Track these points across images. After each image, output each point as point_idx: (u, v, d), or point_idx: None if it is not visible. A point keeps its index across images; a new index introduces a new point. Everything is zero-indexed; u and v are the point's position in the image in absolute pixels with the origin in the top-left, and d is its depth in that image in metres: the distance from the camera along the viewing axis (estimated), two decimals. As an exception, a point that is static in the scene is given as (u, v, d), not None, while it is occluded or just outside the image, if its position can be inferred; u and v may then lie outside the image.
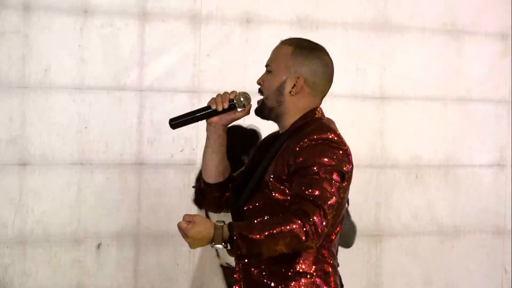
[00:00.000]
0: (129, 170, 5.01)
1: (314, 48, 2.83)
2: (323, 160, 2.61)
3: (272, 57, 2.83)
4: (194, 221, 2.55)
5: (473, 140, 5.78)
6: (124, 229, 5.01)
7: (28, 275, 4.84)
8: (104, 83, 4.95)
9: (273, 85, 2.78)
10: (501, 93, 5.85)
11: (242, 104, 2.83)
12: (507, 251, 5.86)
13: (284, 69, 2.78)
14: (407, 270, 5.64)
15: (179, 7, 5.09)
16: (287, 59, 2.78)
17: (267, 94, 2.80)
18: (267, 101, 2.80)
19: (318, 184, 2.58)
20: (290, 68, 2.77)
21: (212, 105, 2.83)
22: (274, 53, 2.84)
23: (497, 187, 5.85)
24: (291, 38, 2.87)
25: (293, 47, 2.80)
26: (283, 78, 2.78)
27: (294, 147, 2.66)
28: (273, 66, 2.80)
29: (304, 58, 2.78)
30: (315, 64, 2.79)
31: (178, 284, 5.12)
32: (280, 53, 2.81)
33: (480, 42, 5.78)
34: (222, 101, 2.82)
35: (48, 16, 4.83)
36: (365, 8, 5.51)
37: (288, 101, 2.78)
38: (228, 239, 2.53)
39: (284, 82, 2.77)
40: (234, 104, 2.82)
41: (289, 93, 2.77)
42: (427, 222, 5.68)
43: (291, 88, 2.77)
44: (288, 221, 2.52)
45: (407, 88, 5.62)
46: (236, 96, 2.83)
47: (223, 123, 2.87)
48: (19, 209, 4.81)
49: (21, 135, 4.81)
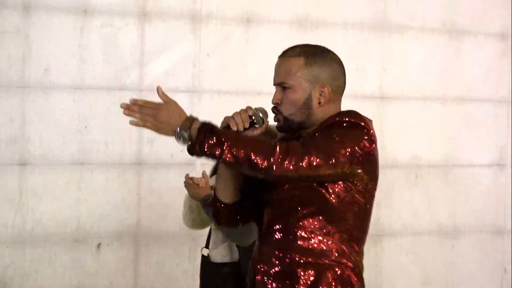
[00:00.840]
0: (129, 170, 5.01)
1: (322, 51, 2.73)
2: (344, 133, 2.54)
3: (284, 73, 2.69)
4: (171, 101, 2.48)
5: (473, 140, 5.79)
6: (124, 229, 5.01)
7: (28, 275, 4.84)
8: (104, 83, 4.95)
9: (298, 101, 2.66)
10: (501, 93, 5.85)
11: (261, 120, 2.69)
12: (507, 250, 5.86)
13: (304, 82, 2.66)
14: (407, 270, 5.64)
15: (179, 7, 5.09)
16: (303, 71, 2.66)
17: (291, 112, 2.67)
18: (294, 117, 2.67)
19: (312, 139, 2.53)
20: (310, 79, 2.66)
21: (233, 127, 2.64)
22: (284, 68, 2.69)
23: (496, 187, 5.85)
24: (293, 48, 2.73)
25: (303, 57, 2.68)
26: (307, 91, 2.66)
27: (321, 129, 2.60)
28: (290, 83, 2.67)
29: (321, 65, 2.68)
30: (331, 67, 2.70)
31: (178, 284, 5.12)
32: (292, 67, 2.67)
33: (479, 42, 5.79)
34: (243, 121, 2.65)
35: (48, 16, 4.83)
36: (365, 8, 5.51)
37: (317, 112, 2.67)
38: (197, 131, 2.45)
39: (309, 95, 2.66)
40: (253, 121, 2.68)
41: (318, 104, 2.67)
42: (427, 222, 5.68)
43: (318, 100, 2.66)
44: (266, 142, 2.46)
45: (407, 88, 5.63)
46: (255, 114, 2.68)
47: None
48: (19, 209, 4.81)
49: (21, 135, 4.81)
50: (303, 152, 2.46)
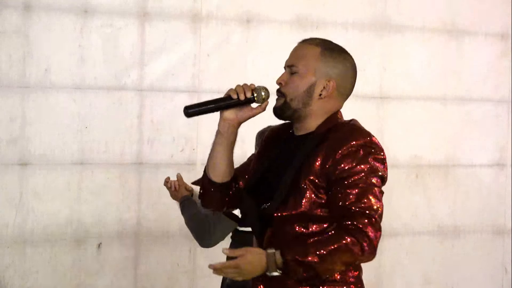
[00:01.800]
0: (129, 170, 5.01)
1: (342, 50, 2.72)
2: (366, 167, 2.55)
3: (296, 57, 2.68)
4: (242, 254, 2.48)
5: (473, 140, 5.79)
6: (124, 229, 5.01)
7: (28, 275, 4.84)
8: (104, 83, 4.95)
9: (301, 87, 2.64)
10: (501, 93, 5.85)
11: (262, 98, 2.67)
12: (507, 250, 5.86)
13: (313, 71, 2.64)
14: (407, 270, 5.64)
15: (179, 7, 5.09)
16: (316, 60, 2.65)
17: (292, 96, 2.64)
18: (292, 103, 2.64)
19: (365, 194, 2.50)
20: (320, 70, 2.64)
21: (233, 95, 2.66)
22: (299, 53, 2.68)
23: (497, 186, 5.85)
24: (314, 38, 2.73)
25: (320, 48, 2.67)
26: (312, 80, 2.64)
27: (333, 154, 2.55)
28: (299, 67, 2.65)
29: (334, 60, 2.67)
30: (345, 67, 2.69)
31: (178, 284, 5.12)
32: (306, 53, 2.67)
33: (480, 42, 5.79)
34: (245, 90, 2.66)
35: (49, 16, 4.83)
36: (365, 8, 5.51)
37: (315, 104, 2.65)
38: (283, 266, 2.46)
39: (313, 84, 2.64)
40: (254, 97, 2.66)
41: (319, 96, 2.64)
42: (427, 222, 5.68)
43: (320, 91, 2.64)
44: (342, 238, 2.46)
45: (407, 88, 5.63)
46: (256, 89, 2.68)
47: (239, 120, 2.71)
48: (19, 209, 4.81)
49: (22, 135, 4.81)
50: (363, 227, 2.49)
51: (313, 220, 2.57)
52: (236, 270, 2.48)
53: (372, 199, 2.51)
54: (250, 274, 2.51)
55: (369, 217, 2.49)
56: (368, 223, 2.48)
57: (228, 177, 2.77)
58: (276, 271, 2.48)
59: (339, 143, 2.57)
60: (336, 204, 2.53)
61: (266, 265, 2.47)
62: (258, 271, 2.49)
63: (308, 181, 2.56)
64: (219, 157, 2.74)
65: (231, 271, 2.49)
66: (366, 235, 2.47)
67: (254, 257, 2.48)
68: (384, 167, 2.62)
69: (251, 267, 2.48)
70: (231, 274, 2.50)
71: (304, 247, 2.48)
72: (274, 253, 2.47)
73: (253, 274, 2.51)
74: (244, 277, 2.51)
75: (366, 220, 2.48)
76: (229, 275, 2.51)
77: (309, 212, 2.57)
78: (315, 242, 2.49)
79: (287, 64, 2.70)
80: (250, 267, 2.48)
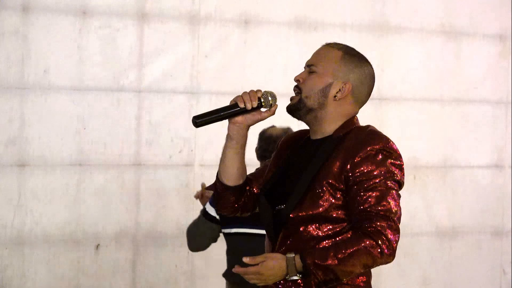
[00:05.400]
0: (127, 171, 5.01)
1: (363, 58, 2.76)
2: (385, 171, 2.58)
3: (317, 58, 2.74)
4: (263, 261, 2.52)
5: (471, 141, 5.79)
6: (122, 230, 5.01)
7: (26, 276, 4.84)
8: (103, 84, 4.95)
9: (317, 86, 2.69)
10: (499, 95, 5.85)
11: (269, 104, 2.71)
12: (506, 251, 5.86)
13: (332, 72, 2.69)
14: (405, 271, 5.64)
15: (177, 8, 5.10)
16: (336, 62, 2.70)
17: (308, 94, 2.69)
18: (307, 100, 2.69)
19: (384, 197, 2.55)
20: (338, 73, 2.69)
21: (240, 103, 2.70)
22: (320, 54, 2.75)
23: (495, 188, 5.85)
24: (338, 43, 2.78)
25: (342, 52, 2.73)
26: (329, 80, 2.69)
27: (352, 157, 2.59)
28: (318, 67, 2.70)
29: (354, 65, 2.72)
30: (363, 73, 2.73)
31: (177, 286, 5.12)
32: (328, 55, 2.73)
33: (478, 44, 5.79)
34: (251, 99, 2.69)
35: (47, 17, 4.83)
36: (363, 9, 5.51)
37: (330, 105, 2.68)
38: (303, 269, 2.50)
39: (330, 85, 2.68)
40: (261, 103, 2.70)
41: (333, 97, 2.68)
42: (425, 223, 5.68)
43: (336, 93, 2.69)
44: (361, 241, 2.50)
45: (405, 89, 5.63)
46: (263, 95, 2.72)
47: (247, 123, 2.74)
48: (18, 210, 4.81)
49: (20, 136, 4.81)
50: (383, 230, 2.52)
51: (327, 222, 2.60)
52: (257, 276, 2.53)
53: (391, 202, 2.55)
54: (271, 280, 2.55)
55: (388, 219, 2.53)
56: (387, 226, 2.53)
57: (241, 180, 2.79)
58: (296, 275, 2.52)
59: (358, 147, 2.62)
60: (355, 207, 2.57)
61: (286, 269, 2.52)
62: (279, 276, 2.54)
63: (326, 183, 2.60)
64: (230, 160, 2.76)
65: (253, 277, 2.53)
66: (386, 237, 2.52)
67: (275, 263, 2.52)
68: (402, 173, 2.65)
69: (272, 273, 2.53)
70: (254, 280, 2.54)
71: (323, 250, 2.52)
72: (293, 257, 2.52)
73: (274, 279, 2.55)
74: (266, 283, 2.56)
75: (385, 223, 2.53)
76: (251, 281, 2.55)
77: (325, 213, 2.60)
78: (335, 245, 2.54)
79: (307, 64, 2.75)
80: (271, 272, 2.52)
